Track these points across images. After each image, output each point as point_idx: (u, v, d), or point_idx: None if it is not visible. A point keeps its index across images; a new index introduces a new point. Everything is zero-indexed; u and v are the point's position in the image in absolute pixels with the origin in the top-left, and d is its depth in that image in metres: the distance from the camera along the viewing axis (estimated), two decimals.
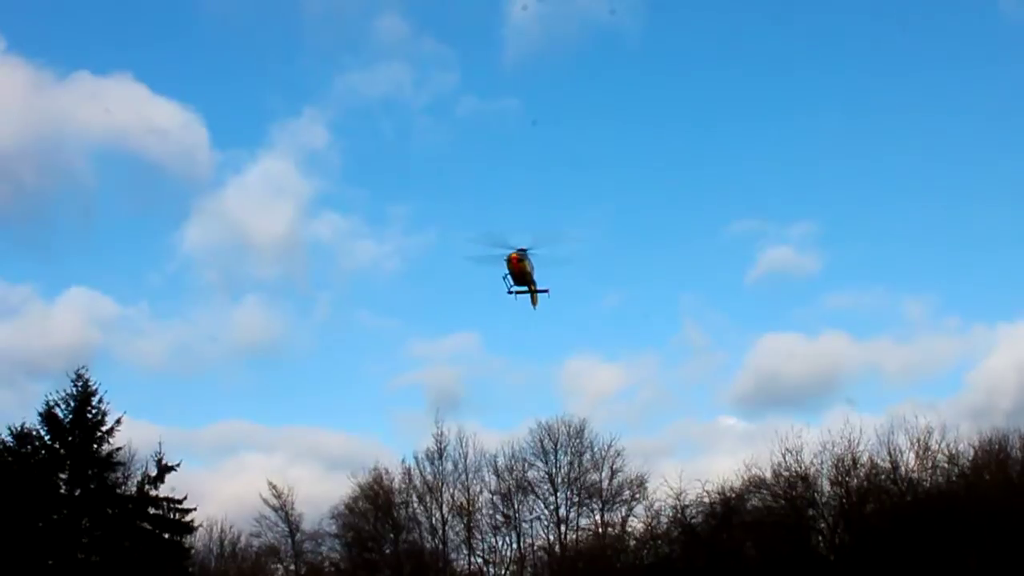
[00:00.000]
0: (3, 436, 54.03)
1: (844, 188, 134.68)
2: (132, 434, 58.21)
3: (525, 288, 56.88)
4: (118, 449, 55.64)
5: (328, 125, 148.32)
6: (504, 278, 55.22)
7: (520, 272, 54.89)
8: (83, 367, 55.92)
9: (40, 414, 54.56)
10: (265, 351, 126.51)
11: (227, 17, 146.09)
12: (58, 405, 54.77)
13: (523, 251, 54.95)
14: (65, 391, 55.07)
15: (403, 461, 77.64)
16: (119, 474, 56.51)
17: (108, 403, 55.43)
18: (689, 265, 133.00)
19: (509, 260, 54.53)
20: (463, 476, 76.62)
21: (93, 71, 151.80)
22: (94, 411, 55.14)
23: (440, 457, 76.59)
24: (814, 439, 67.80)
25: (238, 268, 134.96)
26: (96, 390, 55.40)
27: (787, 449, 67.13)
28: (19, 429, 54.13)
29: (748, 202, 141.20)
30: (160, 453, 56.76)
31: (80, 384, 55.31)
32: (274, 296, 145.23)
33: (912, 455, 66.52)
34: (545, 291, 58.05)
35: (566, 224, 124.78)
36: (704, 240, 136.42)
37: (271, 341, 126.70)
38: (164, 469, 56.44)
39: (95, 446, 54.86)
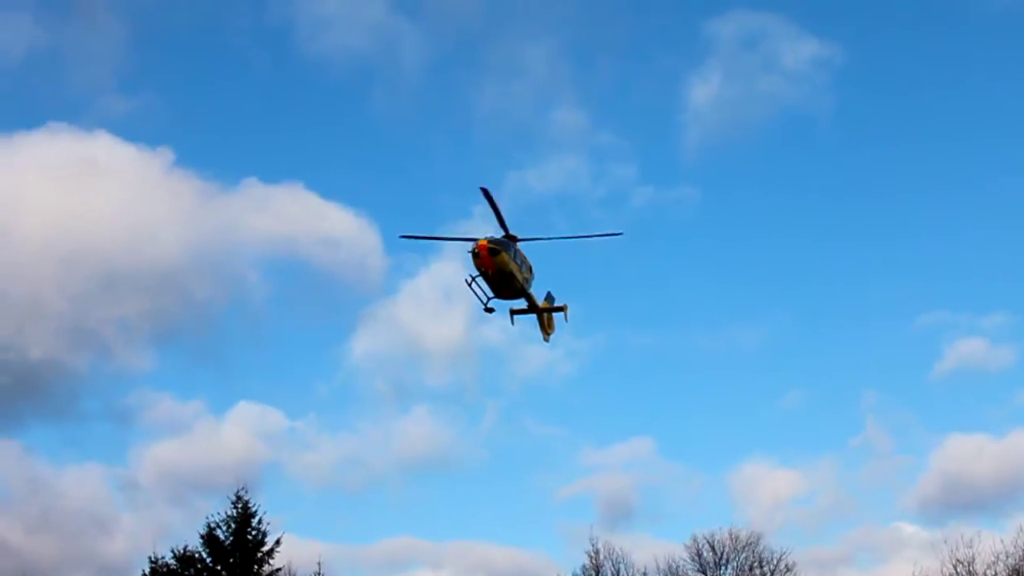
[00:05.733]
0: (167, 559, 54.36)
1: None
2: (297, 552, 58.24)
3: (523, 304, 38.90)
4: (278, 569, 55.38)
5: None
6: (470, 284, 36.17)
7: (498, 272, 35.12)
8: (243, 488, 55.99)
9: (201, 536, 54.83)
10: (434, 462, 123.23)
11: (396, 118, 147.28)
12: (219, 527, 54.98)
13: (505, 239, 35.62)
14: (225, 512, 55.38)
15: None
16: None
17: (268, 523, 55.48)
18: (873, 360, 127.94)
19: (476, 253, 34.77)
20: None
21: (262, 179, 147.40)
22: (254, 532, 55.13)
23: (596, 573, 74.07)
24: (987, 548, 64.21)
25: (408, 377, 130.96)
26: (256, 511, 55.53)
27: (958, 560, 63.71)
28: (182, 551, 54.43)
29: (939, 291, 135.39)
30: (319, 573, 56.61)
31: (239, 505, 55.52)
32: (443, 405, 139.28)
33: None
34: (562, 308, 41.28)
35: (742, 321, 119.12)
36: (890, 333, 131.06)
37: (440, 452, 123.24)
38: None
39: (256, 567, 54.61)
